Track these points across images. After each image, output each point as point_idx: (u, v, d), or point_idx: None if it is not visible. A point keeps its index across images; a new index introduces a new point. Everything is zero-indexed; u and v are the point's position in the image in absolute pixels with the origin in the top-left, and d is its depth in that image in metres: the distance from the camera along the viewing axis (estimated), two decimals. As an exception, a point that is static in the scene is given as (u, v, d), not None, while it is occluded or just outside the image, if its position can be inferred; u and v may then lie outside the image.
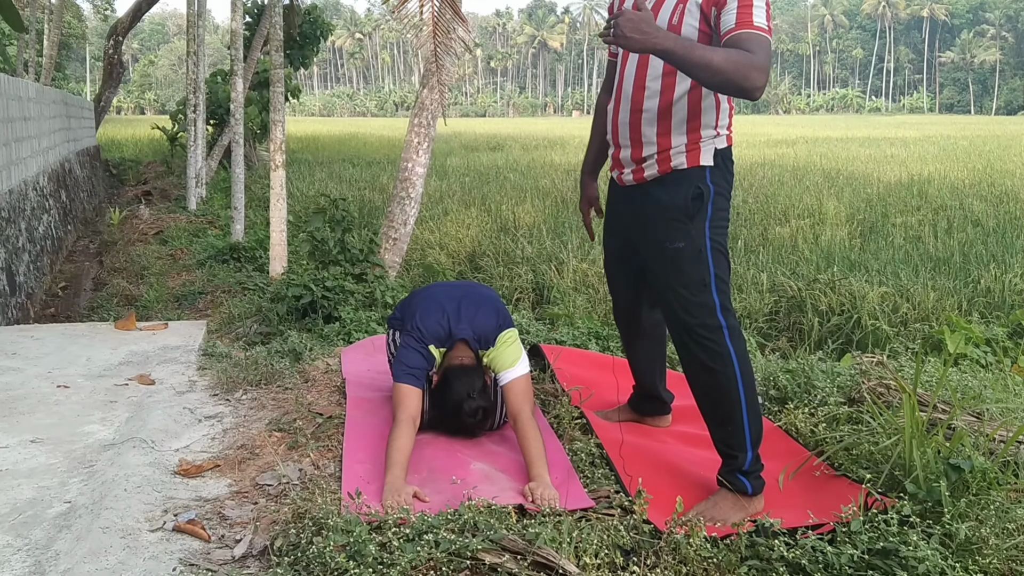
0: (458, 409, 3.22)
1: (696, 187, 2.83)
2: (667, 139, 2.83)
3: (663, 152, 2.85)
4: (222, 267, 10.35)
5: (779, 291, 7.68)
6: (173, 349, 4.82)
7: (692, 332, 2.86)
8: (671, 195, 2.87)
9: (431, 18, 7.60)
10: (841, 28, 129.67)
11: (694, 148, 2.83)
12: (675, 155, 2.84)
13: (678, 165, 2.85)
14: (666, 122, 2.82)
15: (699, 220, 2.84)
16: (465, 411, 3.22)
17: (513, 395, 3.19)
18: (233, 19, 11.38)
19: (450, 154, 25.99)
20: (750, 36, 2.57)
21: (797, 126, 51.10)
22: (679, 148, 2.83)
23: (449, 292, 3.48)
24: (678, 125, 2.81)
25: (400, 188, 7.67)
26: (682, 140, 2.82)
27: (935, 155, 24.74)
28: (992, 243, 10.24)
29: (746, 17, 2.60)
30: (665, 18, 2.76)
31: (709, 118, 2.82)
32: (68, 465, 3.18)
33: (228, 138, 17.52)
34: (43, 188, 13.24)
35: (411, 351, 3.24)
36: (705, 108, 2.81)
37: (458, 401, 3.22)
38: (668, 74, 2.79)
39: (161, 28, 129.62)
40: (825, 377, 3.83)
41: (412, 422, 3.07)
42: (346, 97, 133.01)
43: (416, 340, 3.26)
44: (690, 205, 2.83)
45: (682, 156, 2.84)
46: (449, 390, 3.24)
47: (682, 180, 2.85)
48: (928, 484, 2.65)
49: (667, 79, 2.80)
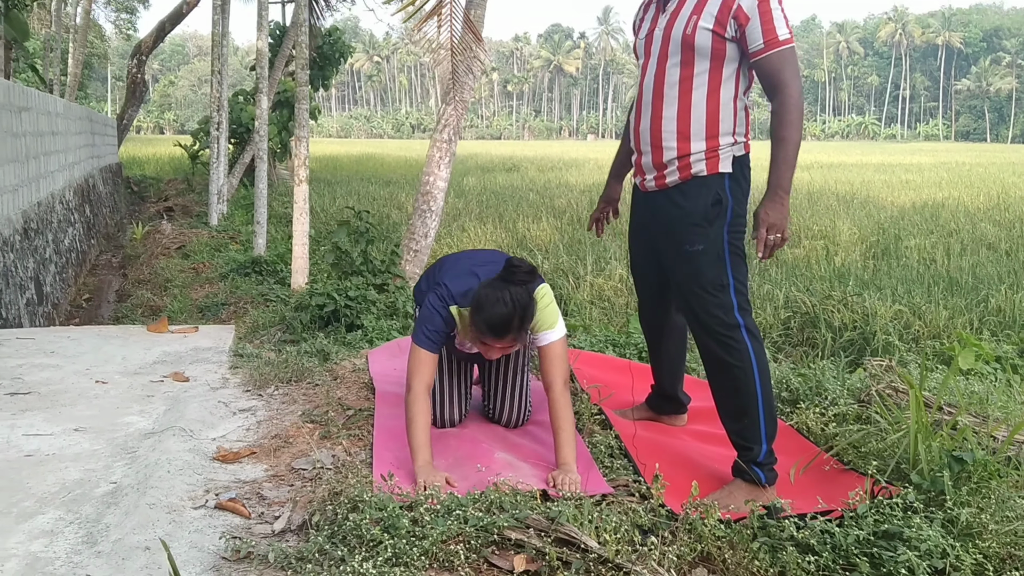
0: (501, 301, 2.98)
1: (716, 193, 3.00)
2: (687, 144, 3.00)
3: (683, 158, 3.01)
4: (244, 280, 10.55)
5: (793, 306, 7.81)
6: (205, 350, 4.99)
7: (711, 330, 3.01)
8: (692, 201, 3.03)
9: (449, 39, 7.80)
10: (856, 55, 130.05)
11: (713, 156, 3.00)
12: (695, 162, 3.01)
13: (698, 172, 3.01)
14: (685, 128, 2.99)
15: (718, 225, 3.00)
16: (507, 300, 2.98)
17: (551, 359, 3.16)
18: (259, 38, 11.65)
19: (467, 174, 26.24)
20: (780, 59, 2.88)
21: (812, 152, 51.23)
22: (699, 155, 2.99)
23: (478, 255, 3.44)
24: (697, 132, 2.98)
25: (422, 201, 7.86)
26: (701, 147, 2.99)
27: (949, 181, 24.86)
28: (1004, 265, 10.34)
29: (771, 33, 2.86)
30: (680, 29, 2.94)
31: (727, 125, 2.99)
32: (111, 451, 3.35)
33: (249, 155, 17.83)
34: (69, 202, 13.51)
35: (432, 312, 3.17)
36: (723, 116, 2.98)
37: (500, 295, 2.99)
38: (685, 79, 2.97)
39: (182, 49, 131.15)
40: (836, 380, 3.97)
41: (427, 392, 3.10)
42: (363, 119, 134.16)
43: (439, 299, 3.18)
44: (710, 210, 2.99)
45: (702, 163, 3.00)
46: (491, 289, 3.03)
47: (702, 187, 3.02)
48: (932, 475, 2.78)
49: (684, 84, 2.97)
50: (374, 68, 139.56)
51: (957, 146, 79.64)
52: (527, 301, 3.02)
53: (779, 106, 2.89)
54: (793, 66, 2.89)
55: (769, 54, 2.88)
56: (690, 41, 2.92)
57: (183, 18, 23.28)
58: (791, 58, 2.89)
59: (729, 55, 2.94)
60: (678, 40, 2.96)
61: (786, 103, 2.87)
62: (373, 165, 33.52)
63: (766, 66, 2.89)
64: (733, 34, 2.90)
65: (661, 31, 3.03)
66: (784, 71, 2.88)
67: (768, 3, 2.85)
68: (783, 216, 2.86)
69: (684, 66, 2.96)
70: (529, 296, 3.05)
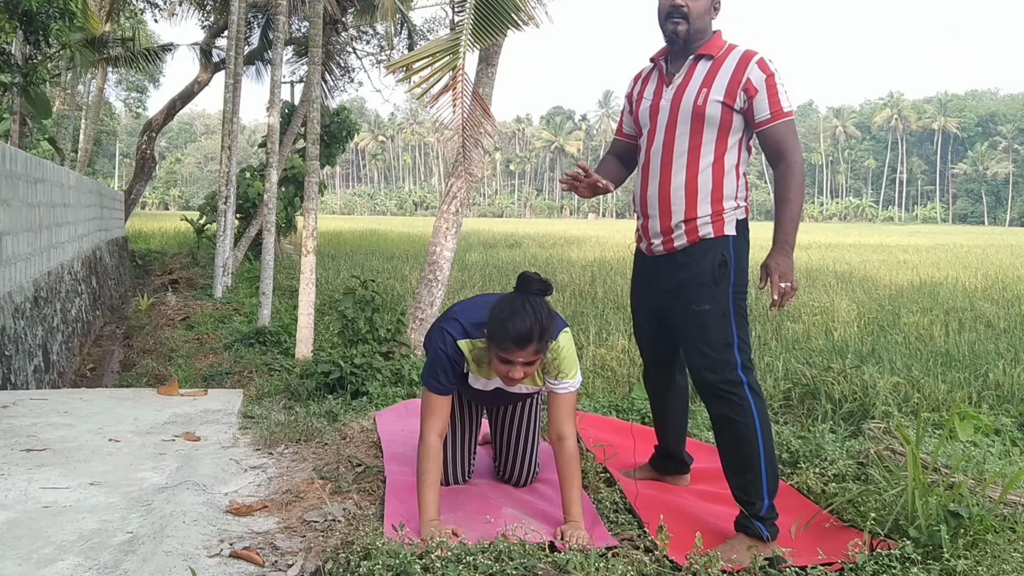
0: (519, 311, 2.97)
1: (721, 255, 3.16)
2: (694, 209, 3.17)
3: (690, 222, 3.17)
4: (248, 350, 10.62)
5: (793, 378, 7.89)
6: (214, 412, 5.07)
7: (715, 387, 3.12)
8: (699, 262, 3.18)
9: (460, 114, 8.04)
10: (854, 139, 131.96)
11: (718, 219, 3.17)
12: (702, 225, 3.17)
13: (705, 235, 3.18)
14: (693, 193, 3.17)
15: (724, 285, 3.15)
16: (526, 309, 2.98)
17: (566, 409, 3.16)
18: (270, 115, 11.97)
19: (470, 249, 26.51)
20: (785, 128, 3.13)
21: (811, 232, 51.73)
22: (705, 218, 3.16)
23: (491, 296, 3.30)
24: (704, 196, 3.16)
25: (428, 271, 8.01)
26: (707, 211, 3.16)
27: (947, 261, 25.09)
28: (1003, 341, 10.43)
29: (777, 105, 3.12)
30: (690, 100, 3.15)
31: (730, 189, 3.19)
32: (126, 503, 3.42)
33: (255, 229, 18.08)
34: (77, 272, 13.69)
35: (437, 353, 3.15)
36: (727, 182, 3.18)
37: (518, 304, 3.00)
38: (693, 148, 3.15)
39: (190, 127, 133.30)
40: (835, 443, 4.05)
41: (440, 441, 3.12)
42: (367, 196, 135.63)
43: (442, 338, 3.16)
44: (717, 271, 3.15)
45: (708, 226, 3.17)
46: (508, 302, 3.06)
47: (709, 249, 3.18)
48: (930, 529, 2.86)
49: (692, 154, 3.16)
50: (379, 147, 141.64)
51: (955, 228, 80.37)
52: (546, 309, 3.03)
53: (785, 170, 3.10)
54: (795, 136, 3.14)
55: (775, 124, 3.11)
56: (701, 112, 3.13)
57: (193, 96, 23.86)
58: (794, 128, 3.13)
59: (735, 125, 3.16)
60: (688, 111, 3.16)
61: (791, 168, 3.09)
62: (376, 240, 33.86)
63: (772, 135, 3.12)
64: (742, 105, 3.12)
65: (668, 102, 3.22)
66: (788, 139, 3.11)
67: (774, 78, 3.10)
68: (791, 267, 3.05)
69: (693, 135, 3.17)
70: (546, 306, 3.05)
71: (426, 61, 7.25)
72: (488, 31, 7.13)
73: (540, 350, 3.01)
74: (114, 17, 23.48)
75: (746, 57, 3.14)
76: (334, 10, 18.32)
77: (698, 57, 3.21)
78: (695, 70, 3.20)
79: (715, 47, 3.21)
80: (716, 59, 3.18)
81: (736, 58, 3.15)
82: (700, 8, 3.18)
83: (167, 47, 23.39)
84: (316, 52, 9.99)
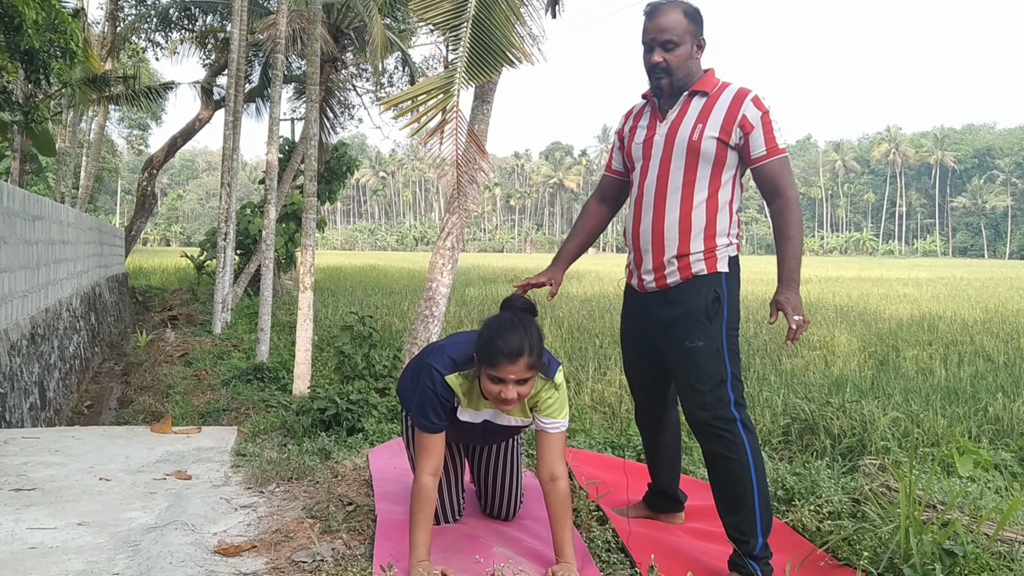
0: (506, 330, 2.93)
1: (715, 291, 3.16)
2: (687, 245, 3.17)
3: (683, 257, 3.17)
4: (246, 386, 10.60)
5: (791, 413, 7.86)
6: (207, 450, 5.04)
7: (708, 424, 3.10)
8: (692, 299, 3.18)
9: (454, 151, 8.07)
10: (852, 173, 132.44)
11: (711, 256, 3.17)
12: (695, 262, 3.17)
13: (699, 272, 3.17)
14: (687, 229, 3.17)
15: (717, 321, 3.14)
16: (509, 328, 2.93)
17: (556, 448, 3.11)
18: (269, 152, 12.03)
19: (469, 285, 26.53)
20: (780, 165, 3.16)
21: (810, 266, 51.75)
22: (698, 255, 3.16)
23: (473, 332, 3.20)
24: (697, 233, 3.17)
25: (424, 307, 8.01)
26: (700, 247, 3.16)
27: (947, 295, 25.09)
28: (1003, 375, 10.40)
29: (772, 142, 3.14)
30: (685, 135, 3.16)
31: (723, 226, 3.19)
32: (114, 544, 3.38)
33: (255, 265, 18.10)
34: (75, 309, 13.69)
35: (426, 391, 3.09)
36: (720, 218, 3.19)
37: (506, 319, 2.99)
38: (688, 184, 3.16)
39: (191, 164, 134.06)
40: (830, 480, 4.01)
41: (435, 481, 3.06)
42: (367, 232, 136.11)
43: (429, 376, 3.11)
44: (710, 307, 3.14)
45: (701, 263, 3.17)
46: (495, 320, 3.03)
47: (702, 285, 3.17)
48: (924, 568, 2.82)
49: (686, 189, 3.17)
50: (379, 183, 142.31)
51: (955, 262, 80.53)
52: (535, 326, 2.98)
53: (783, 206, 3.12)
54: (790, 172, 3.17)
55: (771, 160, 3.13)
56: (696, 147, 3.14)
57: (195, 133, 24.03)
58: (788, 165, 3.16)
59: (729, 161, 3.17)
60: (683, 146, 3.17)
61: (788, 204, 3.12)
62: (376, 276, 33.91)
63: (768, 171, 3.13)
64: (737, 141, 3.13)
65: (663, 137, 3.23)
66: (784, 176, 3.14)
67: (768, 115, 3.13)
68: (800, 302, 3.06)
69: (688, 171, 3.17)
70: (535, 324, 3.01)
71: (421, 99, 7.28)
72: (482, 69, 7.17)
73: (532, 366, 2.92)
74: (115, 55, 23.68)
75: (741, 94, 3.16)
76: (332, 49, 18.48)
77: (692, 93, 3.23)
78: (689, 106, 3.22)
79: (709, 84, 3.22)
80: (711, 96, 3.20)
81: (731, 95, 3.17)
82: (680, 58, 3.18)
83: (168, 85, 23.56)
84: (313, 90, 10.07)
